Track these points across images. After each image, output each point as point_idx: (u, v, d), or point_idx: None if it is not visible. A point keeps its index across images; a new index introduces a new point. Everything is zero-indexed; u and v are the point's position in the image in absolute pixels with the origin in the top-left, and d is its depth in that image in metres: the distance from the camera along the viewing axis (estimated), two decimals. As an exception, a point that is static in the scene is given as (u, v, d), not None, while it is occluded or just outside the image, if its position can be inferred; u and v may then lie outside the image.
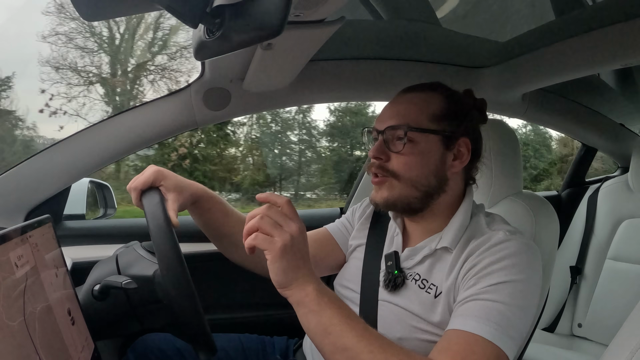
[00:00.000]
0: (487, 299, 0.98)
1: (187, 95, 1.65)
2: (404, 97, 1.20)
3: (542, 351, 2.08)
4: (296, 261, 0.91)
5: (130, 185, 1.21)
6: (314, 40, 1.20)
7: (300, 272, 0.92)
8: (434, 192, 1.16)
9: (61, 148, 1.63)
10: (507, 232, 1.10)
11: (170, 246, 1.02)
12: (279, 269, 0.91)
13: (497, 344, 0.93)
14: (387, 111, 1.20)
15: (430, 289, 1.13)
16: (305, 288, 0.92)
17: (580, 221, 2.51)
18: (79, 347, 0.98)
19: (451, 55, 1.86)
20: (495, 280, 1.00)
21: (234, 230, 1.38)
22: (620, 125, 2.75)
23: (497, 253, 1.04)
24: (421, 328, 1.11)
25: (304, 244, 0.93)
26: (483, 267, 1.03)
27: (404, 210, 1.19)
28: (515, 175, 1.48)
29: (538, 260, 1.08)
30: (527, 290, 1.01)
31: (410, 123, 1.13)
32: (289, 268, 0.91)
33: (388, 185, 1.16)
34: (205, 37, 0.83)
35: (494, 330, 0.94)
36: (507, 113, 2.17)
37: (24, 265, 0.80)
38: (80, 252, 1.67)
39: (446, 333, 0.99)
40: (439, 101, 1.16)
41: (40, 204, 1.65)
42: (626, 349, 0.79)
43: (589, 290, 2.38)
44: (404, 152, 1.13)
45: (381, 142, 1.16)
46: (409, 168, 1.13)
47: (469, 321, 0.96)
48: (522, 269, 1.02)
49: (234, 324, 1.85)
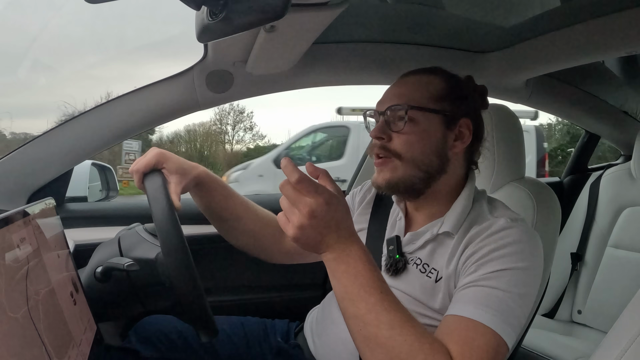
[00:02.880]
0: (487, 286, 0.98)
1: (190, 78, 1.65)
2: (404, 80, 1.21)
3: (542, 337, 2.09)
4: (315, 235, 0.89)
5: (132, 168, 1.22)
6: (317, 22, 1.19)
7: (323, 243, 0.91)
8: (436, 172, 1.16)
9: (63, 130, 1.62)
10: (509, 220, 1.09)
11: (173, 229, 1.03)
12: (301, 245, 0.91)
13: (496, 330, 0.93)
14: (388, 93, 1.20)
15: (431, 273, 1.13)
16: (326, 256, 0.92)
17: (581, 208, 2.51)
18: (81, 329, 0.98)
19: (455, 39, 1.85)
20: (495, 268, 1.00)
21: (236, 214, 1.38)
22: (624, 112, 2.74)
23: (499, 240, 1.04)
24: (421, 313, 1.11)
25: (327, 211, 0.89)
26: (484, 254, 1.03)
27: (406, 192, 1.18)
28: (517, 160, 1.48)
29: (539, 248, 1.08)
30: (528, 278, 1.01)
31: (410, 102, 1.13)
32: (307, 244, 0.91)
33: (391, 167, 1.15)
34: (208, 19, 0.83)
35: (492, 317, 0.94)
36: (510, 98, 2.16)
37: (26, 248, 0.80)
38: (82, 234, 1.67)
39: (445, 318, 0.99)
40: (440, 82, 1.17)
41: (42, 187, 1.65)
42: (625, 336, 0.79)
43: (589, 277, 2.38)
44: (405, 131, 1.13)
45: (382, 123, 1.16)
46: (410, 147, 1.13)
47: (468, 307, 0.96)
48: (523, 257, 1.02)
49: (236, 307, 1.86)
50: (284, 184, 0.89)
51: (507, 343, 0.94)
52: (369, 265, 0.92)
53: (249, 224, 1.42)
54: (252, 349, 1.41)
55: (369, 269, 0.91)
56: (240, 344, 1.42)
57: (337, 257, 0.92)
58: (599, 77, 2.32)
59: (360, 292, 0.90)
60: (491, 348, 0.93)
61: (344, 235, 0.92)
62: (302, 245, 0.91)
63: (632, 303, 0.86)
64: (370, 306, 0.89)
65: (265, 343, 1.43)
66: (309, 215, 0.87)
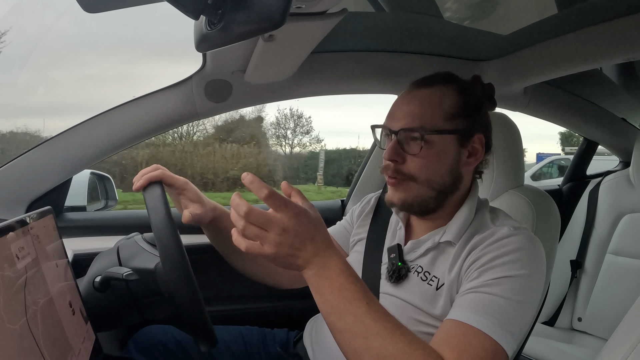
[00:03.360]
0: (488, 293, 0.98)
1: (189, 87, 1.65)
2: (416, 95, 1.16)
3: (542, 345, 2.09)
4: (291, 250, 0.88)
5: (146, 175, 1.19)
6: (315, 32, 1.19)
7: (300, 258, 0.90)
8: (449, 190, 1.16)
9: (62, 140, 1.63)
10: (512, 228, 1.09)
11: (172, 238, 1.02)
12: (280, 263, 0.90)
13: (494, 337, 0.93)
14: (399, 110, 1.17)
15: (432, 281, 1.13)
16: (307, 273, 0.91)
17: (581, 215, 2.51)
18: (80, 339, 0.98)
19: (453, 48, 1.86)
20: (497, 275, 1.00)
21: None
22: (622, 119, 2.74)
23: (501, 248, 1.04)
24: (422, 321, 1.11)
25: (298, 224, 0.88)
26: (486, 261, 1.03)
27: (419, 211, 1.18)
28: (516, 168, 1.48)
29: (542, 256, 1.08)
30: (529, 286, 1.01)
31: (425, 125, 1.11)
32: (285, 262, 0.90)
33: (405, 187, 1.14)
34: (207, 29, 0.83)
35: (492, 324, 0.94)
36: (509, 106, 2.17)
37: (25, 257, 0.80)
38: (81, 244, 1.67)
39: (444, 323, 0.99)
40: (452, 97, 1.14)
41: (41, 196, 1.65)
42: (626, 343, 0.79)
43: (589, 284, 2.38)
44: (420, 155, 1.11)
45: (395, 144, 1.13)
46: (425, 170, 1.12)
47: (468, 313, 0.96)
48: (525, 265, 1.02)
49: (235, 316, 1.85)
50: (249, 211, 0.86)
51: (505, 351, 0.94)
52: (352, 277, 0.91)
53: (262, 261, 1.37)
54: (251, 359, 1.41)
55: (352, 281, 0.91)
56: (240, 354, 1.41)
57: (317, 272, 0.91)
58: (597, 84, 2.33)
59: (346, 305, 0.89)
60: (488, 355, 0.92)
61: (320, 247, 0.91)
62: (281, 263, 0.90)
63: (632, 310, 0.86)
64: (358, 318, 0.88)
65: (264, 352, 1.43)
66: (281, 230, 0.86)
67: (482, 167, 1.23)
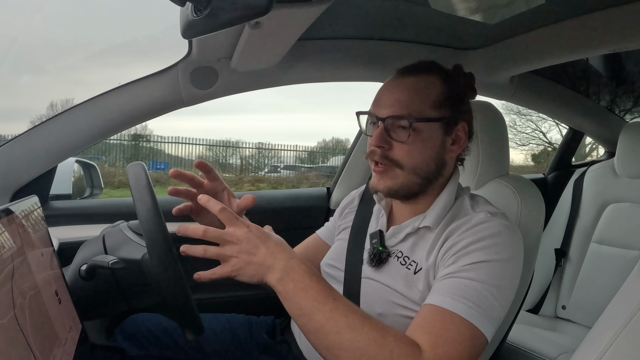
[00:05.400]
0: (465, 277, 1.00)
1: (174, 74, 1.64)
2: (403, 83, 1.17)
3: (526, 332, 2.11)
4: (249, 257, 0.97)
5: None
6: (302, 19, 1.19)
7: (261, 264, 0.97)
8: (433, 177, 1.17)
9: (47, 128, 1.61)
10: (488, 214, 1.11)
11: (158, 227, 1.02)
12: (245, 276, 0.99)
13: (472, 321, 0.94)
14: (386, 97, 1.17)
15: (411, 265, 1.14)
16: (271, 280, 0.96)
17: (565, 204, 2.53)
18: (66, 328, 0.97)
19: (440, 36, 1.86)
20: (473, 260, 1.02)
21: None
22: (608, 109, 2.77)
23: (477, 233, 1.06)
24: (401, 304, 1.12)
25: (248, 232, 0.98)
26: (463, 247, 1.05)
27: (404, 197, 1.19)
28: (501, 157, 1.49)
29: (518, 241, 1.09)
30: (506, 271, 1.03)
31: (413, 113, 1.12)
32: (247, 273, 0.98)
33: (391, 175, 1.16)
34: (193, 16, 0.82)
35: (469, 308, 0.95)
36: (495, 95, 2.18)
37: (10, 246, 0.79)
38: (66, 232, 1.66)
39: (422, 308, 1.01)
40: (438, 86, 1.16)
41: (26, 185, 1.64)
42: (609, 331, 0.80)
43: (573, 272, 2.40)
44: (408, 142, 1.12)
45: (382, 131, 1.14)
46: (412, 157, 1.13)
47: (445, 298, 0.98)
48: (502, 250, 1.03)
49: (222, 304, 1.85)
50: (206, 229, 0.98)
51: (484, 334, 0.95)
52: (315, 277, 0.96)
53: None
54: (238, 346, 1.41)
55: (315, 280, 0.95)
56: (227, 341, 1.41)
57: (281, 277, 0.95)
58: (583, 74, 2.34)
59: (314, 304, 0.93)
60: (466, 339, 0.94)
61: (274, 250, 0.97)
62: (246, 276, 0.98)
63: (615, 298, 0.87)
64: (328, 315, 0.91)
65: (251, 340, 1.43)
66: (237, 241, 0.96)
67: (464, 155, 1.26)
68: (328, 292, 0.94)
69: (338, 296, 0.95)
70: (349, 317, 0.92)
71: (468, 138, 1.21)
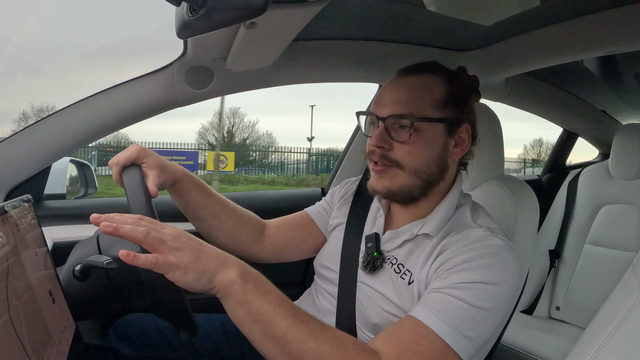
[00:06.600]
0: (453, 295, 0.97)
1: (169, 74, 1.63)
2: (404, 82, 1.15)
3: (520, 333, 2.12)
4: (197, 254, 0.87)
5: (112, 161, 1.20)
6: (297, 19, 1.18)
7: (216, 261, 0.88)
8: (434, 180, 1.15)
9: (41, 127, 1.60)
10: (488, 230, 1.08)
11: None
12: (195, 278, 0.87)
13: (447, 340, 0.92)
14: (387, 96, 1.15)
15: (405, 274, 1.12)
16: (228, 277, 0.88)
17: (560, 206, 2.54)
18: (60, 328, 0.97)
19: (435, 37, 1.86)
20: (466, 279, 0.98)
21: (215, 212, 1.37)
22: (602, 112, 2.78)
23: (474, 251, 1.02)
24: (394, 313, 1.11)
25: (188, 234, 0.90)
26: (457, 263, 1.01)
27: (403, 200, 1.17)
28: (497, 158, 1.49)
29: (515, 262, 1.05)
30: (497, 293, 0.99)
31: (415, 112, 1.10)
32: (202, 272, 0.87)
33: (391, 175, 1.13)
34: (188, 15, 0.82)
35: (447, 327, 0.93)
36: (489, 96, 2.18)
37: (4, 246, 0.79)
38: (61, 232, 1.65)
39: (404, 317, 0.99)
40: (441, 86, 1.14)
41: (20, 184, 1.63)
42: (603, 332, 0.80)
43: (567, 273, 2.41)
44: (409, 142, 1.10)
45: (383, 130, 1.12)
46: (413, 157, 1.11)
47: (427, 312, 0.95)
48: (496, 272, 1.00)
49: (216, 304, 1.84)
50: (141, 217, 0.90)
51: (458, 355, 0.93)
52: (271, 283, 0.92)
53: (228, 223, 1.40)
54: (231, 346, 1.41)
55: (272, 285, 0.91)
56: (220, 341, 1.41)
57: (240, 274, 0.89)
58: (577, 76, 2.35)
59: (276, 308, 0.88)
60: (435, 356, 0.92)
61: (218, 253, 0.91)
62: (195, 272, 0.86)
63: (610, 299, 0.88)
64: (290, 321, 0.88)
65: (244, 340, 1.42)
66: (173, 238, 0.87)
67: (467, 159, 1.23)
68: (286, 298, 0.91)
69: (294, 304, 0.92)
70: (311, 325, 0.89)
71: (471, 141, 1.19)
